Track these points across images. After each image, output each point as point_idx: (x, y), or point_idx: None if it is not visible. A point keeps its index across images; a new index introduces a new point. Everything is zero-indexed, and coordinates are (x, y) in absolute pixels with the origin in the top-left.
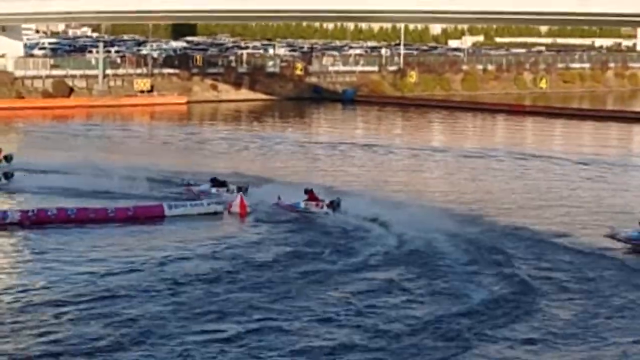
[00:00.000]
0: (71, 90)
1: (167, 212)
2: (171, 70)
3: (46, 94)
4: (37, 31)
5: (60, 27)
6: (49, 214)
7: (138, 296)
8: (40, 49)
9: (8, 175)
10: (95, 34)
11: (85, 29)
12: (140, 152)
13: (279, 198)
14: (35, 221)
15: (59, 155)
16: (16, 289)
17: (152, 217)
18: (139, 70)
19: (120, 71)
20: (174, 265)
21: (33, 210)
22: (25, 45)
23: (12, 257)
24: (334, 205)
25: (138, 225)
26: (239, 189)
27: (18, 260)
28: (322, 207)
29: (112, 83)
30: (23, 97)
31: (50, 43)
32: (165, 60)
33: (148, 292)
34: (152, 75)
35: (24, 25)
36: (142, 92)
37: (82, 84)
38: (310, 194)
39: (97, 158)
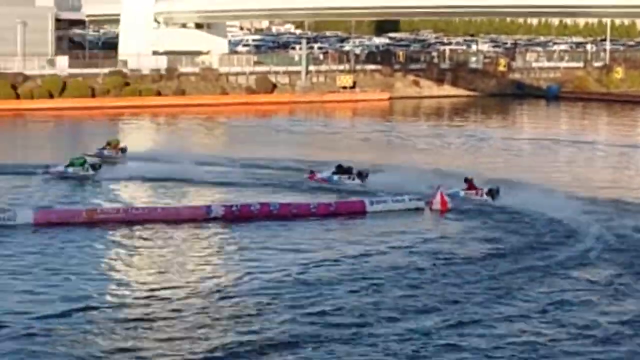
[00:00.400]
0: (274, 86)
1: (368, 207)
2: (373, 67)
3: (249, 90)
4: (241, 28)
5: (264, 24)
6: (252, 209)
7: (339, 290)
8: (244, 45)
9: (96, 167)
10: (298, 31)
11: (288, 25)
12: (343, 148)
13: (438, 188)
14: (238, 216)
15: (262, 150)
16: (218, 281)
17: (353, 212)
18: (341, 67)
19: (323, 67)
20: (374, 261)
21: (237, 205)
22: (229, 42)
23: (215, 251)
24: (493, 193)
25: (340, 220)
26: (359, 175)
27: (221, 253)
28: (481, 195)
29: (314, 79)
30: (227, 93)
31: (254, 40)
32: (367, 56)
33: (349, 287)
34: (355, 71)
35: (228, 23)
36: (344, 88)
37: (285, 80)
38: (470, 183)
39: (299, 154)
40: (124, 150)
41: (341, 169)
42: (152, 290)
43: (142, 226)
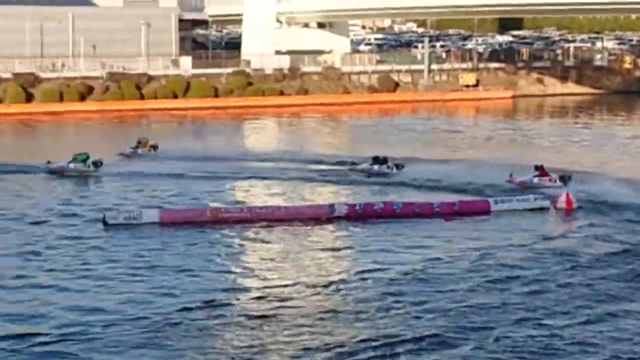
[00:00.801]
0: (396, 85)
1: (493, 207)
2: (496, 65)
3: (372, 89)
4: (364, 27)
5: (386, 22)
6: (375, 208)
7: (462, 288)
8: (367, 44)
9: (98, 164)
10: (420, 29)
11: (410, 24)
12: (466, 147)
13: (511, 175)
14: (361, 215)
15: (382, 149)
16: (340, 279)
17: (477, 212)
18: (464, 65)
19: (446, 66)
20: (498, 259)
21: (360, 204)
22: (351, 42)
23: (338, 249)
24: (565, 179)
25: (463, 220)
26: (396, 166)
27: (343, 252)
28: (555, 182)
29: (437, 78)
30: (350, 92)
31: (376, 39)
32: (490, 54)
33: (472, 285)
34: (478, 69)
35: (350, 22)
36: (467, 86)
37: (407, 78)
38: (541, 170)
39: (422, 153)
40: (155, 147)
41: (378, 160)
42: (273, 287)
43: (266, 225)
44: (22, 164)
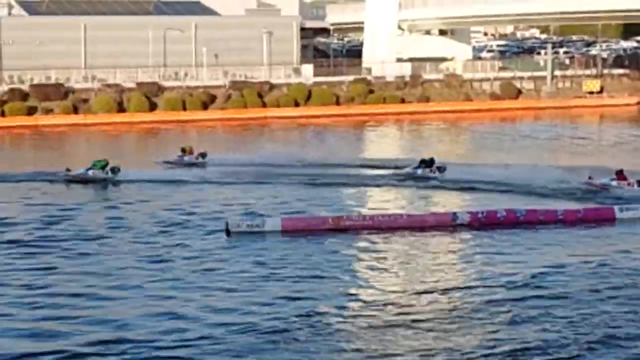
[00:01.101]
0: (519, 92)
1: (618, 214)
2: (621, 71)
3: (494, 96)
4: (485, 34)
5: (509, 29)
6: (498, 216)
7: (584, 298)
8: (488, 51)
9: (115, 170)
10: (543, 35)
11: (533, 30)
12: (589, 154)
13: (590, 177)
14: (484, 223)
15: (503, 156)
16: (459, 288)
17: (602, 219)
18: (587, 71)
19: (569, 72)
20: (621, 270)
21: (482, 212)
22: (473, 48)
23: (460, 258)
24: None
25: (587, 227)
26: (439, 169)
27: (466, 260)
28: (633, 186)
29: (560, 84)
30: (471, 100)
31: (498, 45)
32: (614, 60)
33: (594, 294)
34: (602, 76)
35: (472, 28)
36: (591, 93)
37: (530, 85)
38: (620, 175)
39: (543, 159)
40: (204, 155)
41: (425, 162)
42: (393, 293)
43: (388, 233)
44: (148, 174)
